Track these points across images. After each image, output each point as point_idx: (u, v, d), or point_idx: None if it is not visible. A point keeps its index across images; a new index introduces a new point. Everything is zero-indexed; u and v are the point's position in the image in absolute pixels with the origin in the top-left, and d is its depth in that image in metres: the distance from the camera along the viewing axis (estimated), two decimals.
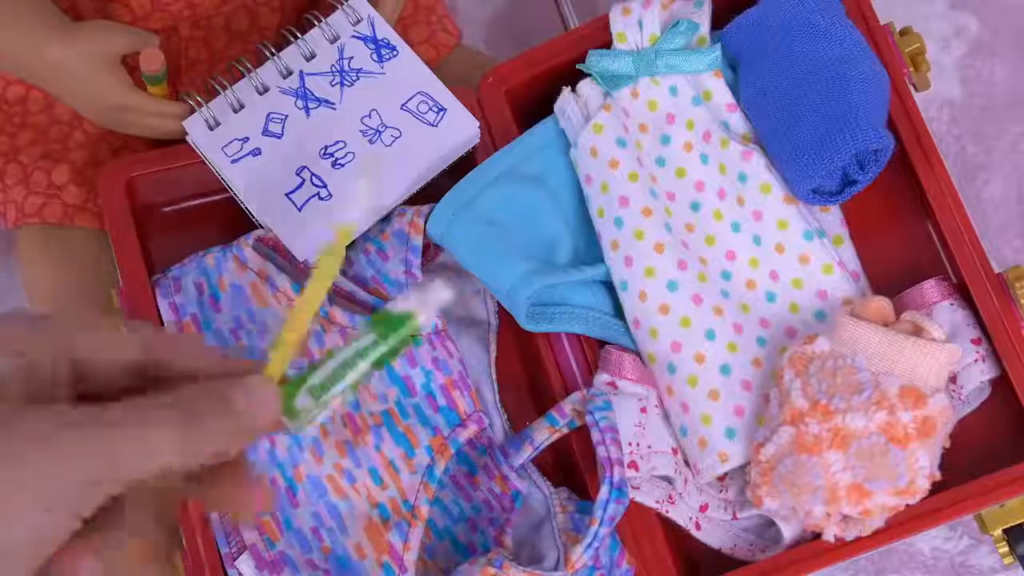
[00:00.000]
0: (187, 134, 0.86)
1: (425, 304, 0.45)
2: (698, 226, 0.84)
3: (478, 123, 0.87)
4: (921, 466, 0.73)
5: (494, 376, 0.85)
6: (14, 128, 0.95)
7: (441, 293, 0.45)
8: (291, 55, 0.87)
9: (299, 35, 0.88)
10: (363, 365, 0.45)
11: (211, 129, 0.86)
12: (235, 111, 0.86)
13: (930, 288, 0.82)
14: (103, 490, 0.40)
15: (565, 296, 0.84)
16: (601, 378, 0.82)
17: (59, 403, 0.42)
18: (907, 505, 0.75)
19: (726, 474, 0.82)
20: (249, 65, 0.87)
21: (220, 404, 0.42)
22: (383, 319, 0.45)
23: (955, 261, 0.82)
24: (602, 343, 0.85)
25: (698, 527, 0.82)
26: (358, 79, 0.87)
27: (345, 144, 0.86)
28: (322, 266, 0.46)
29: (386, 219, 0.86)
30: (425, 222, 0.84)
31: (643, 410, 0.80)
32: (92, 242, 0.92)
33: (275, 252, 0.84)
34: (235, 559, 0.77)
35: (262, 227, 0.85)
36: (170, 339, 0.44)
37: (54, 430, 0.39)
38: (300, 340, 0.45)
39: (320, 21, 0.88)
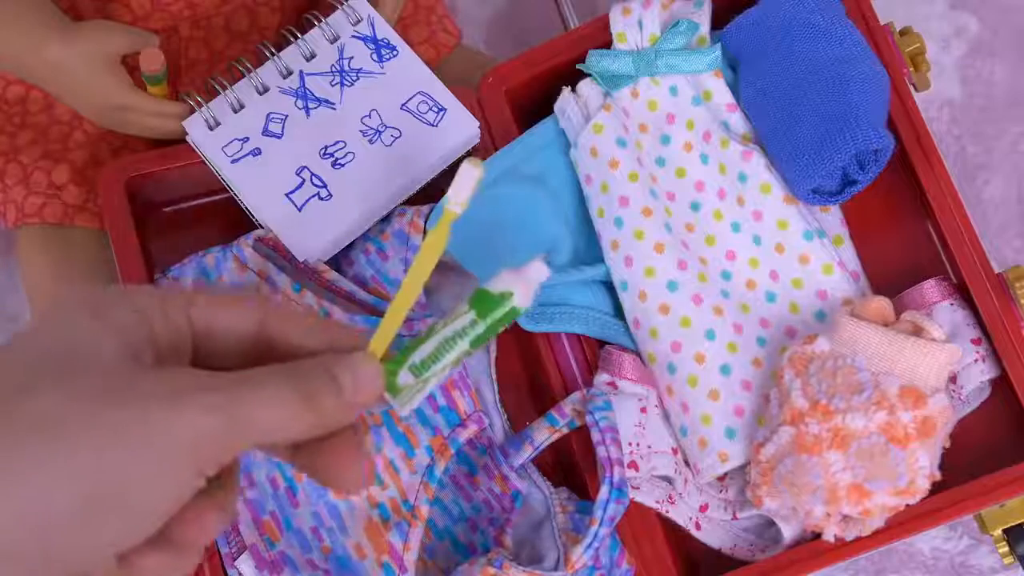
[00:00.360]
0: (187, 134, 0.86)
1: (524, 282, 0.45)
2: (698, 226, 0.84)
3: (478, 123, 0.87)
4: (921, 466, 0.73)
5: (494, 376, 0.85)
6: (14, 128, 0.95)
7: (539, 272, 0.46)
8: (291, 55, 0.87)
9: (299, 35, 0.88)
10: (462, 345, 0.45)
11: (211, 129, 0.86)
12: (235, 111, 0.86)
13: (930, 288, 0.82)
14: (225, 453, 0.41)
15: (565, 296, 0.84)
16: (601, 378, 0.82)
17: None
18: (907, 505, 0.75)
19: (726, 474, 0.82)
20: (249, 65, 0.87)
21: (329, 380, 0.43)
22: (482, 299, 0.45)
23: (955, 261, 0.82)
24: (602, 343, 0.85)
25: (698, 527, 0.82)
26: (358, 79, 0.87)
27: (345, 144, 0.86)
28: (428, 245, 0.46)
29: (386, 219, 0.86)
30: (425, 222, 0.84)
31: (643, 410, 0.80)
32: (92, 242, 0.92)
33: (275, 252, 0.84)
34: (235, 559, 0.77)
35: (262, 227, 0.85)
36: (282, 310, 0.46)
37: (188, 390, 0.41)
38: (404, 317, 0.46)
39: (320, 21, 0.88)
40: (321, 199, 0.84)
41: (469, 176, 0.47)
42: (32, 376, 0.40)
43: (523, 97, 0.90)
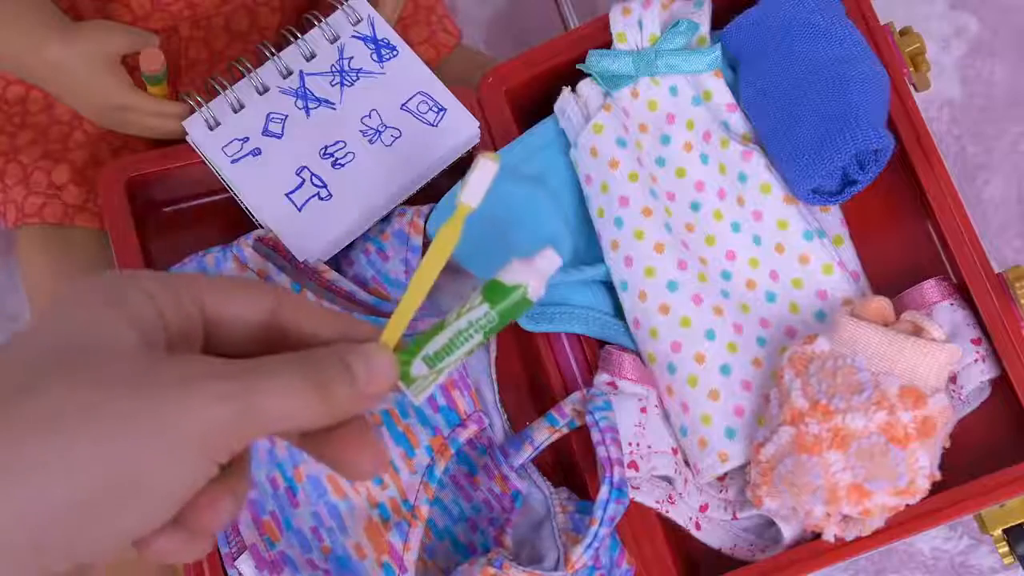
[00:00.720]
0: (187, 134, 0.86)
1: (535, 272, 0.45)
2: (698, 226, 0.84)
3: (478, 123, 0.87)
4: (921, 466, 0.73)
5: (494, 376, 0.85)
6: (14, 128, 0.95)
7: (551, 260, 0.45)
8: (291, 55, 0.87)
9: (299, 35, 0.88)
10: (476, 336, 0.45)
11: (211, 129, 0.86)
12: (235, 111, 0.86)
13: (930, 288, 0.82)
14: (238, 441, 0.41)
15: (565, 296, 0.84)
16: (601, 378, 0.82)
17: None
18: (907, 505, 0.75)
19: (726, 474, 0.82)
20: (249, 65, 0.87)
21: (343, 369, 0.43)
22: (495, 290, 0.45)
23: (955, 261, 0.82)
24: (602, 343, 0.85)
25: (698, 527, 0.82)
26: (358, 79, 0.87)
27: (345, 144, 0.86)
28: (441, 238, 0.46)
29: (386, 219, 0.86)
30: (425, 222, 0.84)
31: (643, 410, 0.80)
32: (92, 242, 0.92)
33: (275, 252, 0.84)
34: (235, 559, 0.77)
35: (262, 227, 0.85)
36: (295, 299, 0.45)
37: (201, 377, 0.41)
38: (417, 307, 0.46)
39: (320, 21, 0.88)
40: (321, 199, 0.84)
41: (485, 170, 0.47)
42: (36, 372, 0.40)
43: (523, 97, 0.90)
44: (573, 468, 0.84)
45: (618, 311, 0.85)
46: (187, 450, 0.40)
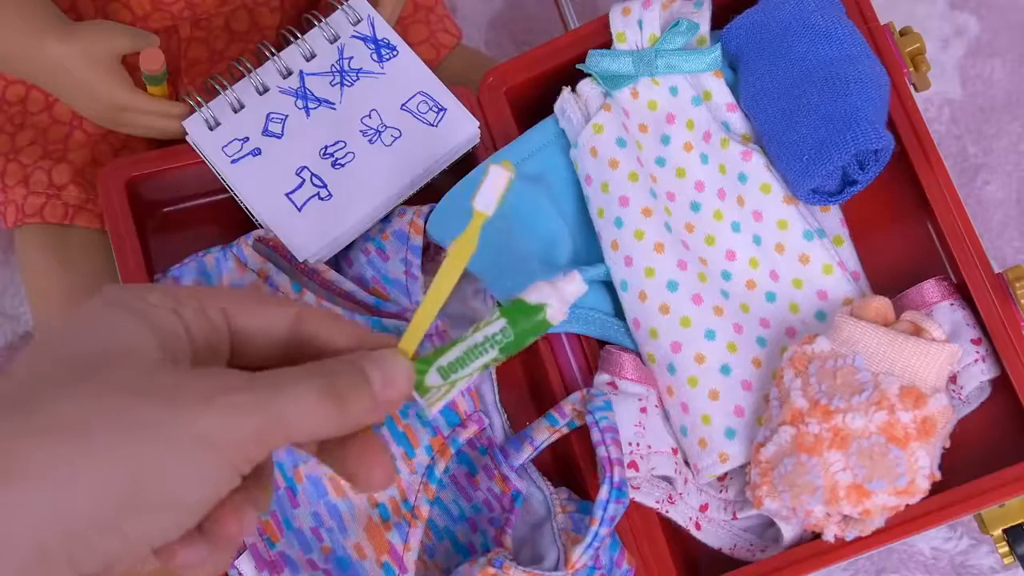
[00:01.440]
0: (187, 134, 0.86)
1: (559, 296, 0.45)
2: (698, 226, 0.84)
3: (478, 123, 0.87)
4: (921, 466, 0.73)
5: (494, 376, 0.85)
6: (14, 128, 0.95)
7: (575, 285, 0.46)
8: (291, 55, 0.87)
9: (299, 35, 0.88)
10: (492, 351, 0.45)
11: (211, 129, 0.86)
12: (235, 111, 0.86)
13: (930, 288, 0.82)
14: (260, 451, 0.42)
15: None
16: (601, 378, 0.82)
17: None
18: (907, 505, 0.75)
19: (726, 474, 0.82)
20: (249, 65, 0.87)
21: (359, 376, 0.44)
22: (515, 308, 0.45)
23: (955, 261, 0.82)
24: (602, 343, 0.85)
25: (698, 527, 0.82)
26: (358, 79, 0.87)
27: (345, 144, 0.86)
28: (457, 248, 0.47)
29: (386, 219, 0.86)
30: (425, 222, 0.84)
31: (643, 410, 0.80)
32: (92, 242, 0.92)
33: (275, 252, 0.84)
34: (235, 559, 0.77)
35: (262, 227, 0.85)
36: (314, 310, 0.46)
37: (222, 390, 0.41)
38: (434, 318, 0.46)
39: (320, 21, 0.88)
40: (321, 199, 0.84)
41: (499, 178, 0.47)
42: (49, 381, 0.40)
43: (523, 97, 0.90)
44: (573, 468, 0.84)
45: (618, 311, 0.85)
46: (209, 460, 0.40)
